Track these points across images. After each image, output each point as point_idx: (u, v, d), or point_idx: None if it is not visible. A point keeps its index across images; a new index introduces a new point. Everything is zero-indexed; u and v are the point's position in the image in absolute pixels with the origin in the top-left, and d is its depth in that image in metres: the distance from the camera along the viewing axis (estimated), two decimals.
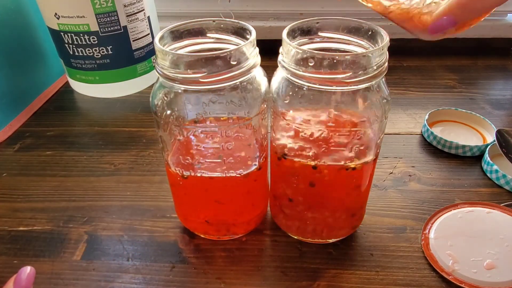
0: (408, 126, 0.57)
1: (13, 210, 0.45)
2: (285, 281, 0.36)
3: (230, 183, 0.35)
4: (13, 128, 0.59)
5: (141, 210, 0.44)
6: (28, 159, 0.52)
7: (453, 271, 0.36)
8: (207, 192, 0.36)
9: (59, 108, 0.64)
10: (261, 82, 0.33)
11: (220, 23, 0.33)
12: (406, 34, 0.31)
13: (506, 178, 0.45)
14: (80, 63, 0.62)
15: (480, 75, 0.71)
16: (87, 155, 0.53)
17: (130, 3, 0.59)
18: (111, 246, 0.40)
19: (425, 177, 0.48)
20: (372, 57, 0.29)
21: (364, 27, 0.32)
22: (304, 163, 0.33)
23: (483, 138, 0.53)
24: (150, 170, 0.50)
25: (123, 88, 0.66)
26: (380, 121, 0.32)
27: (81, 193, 0.47)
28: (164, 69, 0.30)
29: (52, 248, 0.40)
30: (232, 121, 0.32)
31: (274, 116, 0.34)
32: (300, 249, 0.39)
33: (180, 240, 0.40)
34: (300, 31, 0.33)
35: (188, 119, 0.32)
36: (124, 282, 0.37)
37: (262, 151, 0.36)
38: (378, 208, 0.43)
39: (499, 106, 0.61)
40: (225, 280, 0.36)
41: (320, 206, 0.36)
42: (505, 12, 0.79)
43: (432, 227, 0.40)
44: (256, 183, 0.37)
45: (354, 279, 0.36)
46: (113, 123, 0.59)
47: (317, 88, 0.29)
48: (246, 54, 0.30)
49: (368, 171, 0.35)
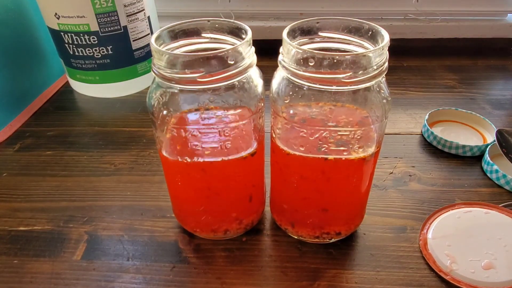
0: (408, 126, 0.57)
1: (13, 210, 0.45)
2: (285, 281, 0.36)
3: (227, 180, 0.35)
4: (13, 128, 0.59)
5: (141, 210, 0.44)
6: (28, 159, 0.52)
7: (451, 271, 0.36)
8: (203, 188, 0.36)
9: (59, 108, 0.64)
10: (257, 82, 0.33)
11: (215, 23, 0.33)
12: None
13: (506, 178, 0.45)
14: (80, 63, 0.62)
15: (480, 75, 0.71)
16: (87, 155, 0.53)
17: (130, 3, 0.59)
18: (111, 246, 0.40)
19: (425, 177, 0.48)
20: (372, 57, 0.29)
21: (365, 27, 0.32)
22: (304, 162, 0.33)
23: (483, 138, 0.53)
24: (150, 170, 0.50)
25: (123, 88, 0.66)
26: (380, 121, 0.32)
27: (81, 193, 0.47)
28: (160, 69, 0.30)
29: (52, 248, 0.40)
30: (229, 120, 0.32)
31: (274, 116, 0.34)
32: (300, 249, 0.39)
33: (180, 240, 0.40)
34: (300, 31, 0.33)
35: (185, 119, 0.32)
36: (124, 282, 0.37)
37: (259, 150, 0.36)
38: (378, 208, 0.43)
39: (499, 106, 0.61)
40: (225, 280, 0.36)
41: (317, 205, 0.36)
42: (505, 12, 0.79)
43: (430, 227, 0.40)
44: (252, 180, 0.37)
45: (354, 279, 0.36)
46: (113, 123, 0.59)
47: (317, 88, 0.29)
48: (242, 53, 0.30)
49: (368, 170, 0.35)
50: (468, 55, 0.77)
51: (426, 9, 0.77)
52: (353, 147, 0.32)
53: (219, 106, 0.32)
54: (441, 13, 0.77)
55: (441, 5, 0.78)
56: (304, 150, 0.33)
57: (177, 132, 0.33)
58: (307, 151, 0.33)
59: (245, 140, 0.34)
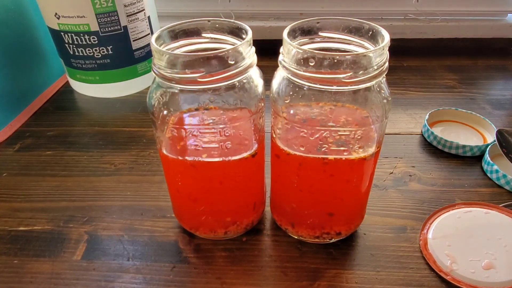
0: (408, 126, 0.57)
1: (13, 210, 0.45)
2: (285, 281, 0.36)
3: (227, 180, 0.35)
4: (13, 128, 0.59)
5: (141, 210, 0.44)
6: (28, 159, 0.52)
7: (451, 271, 0.36)
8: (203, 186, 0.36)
9: (59, 108, 0.64)
10: (257, 82, 0.33)
11: (215, 23, 0.33)
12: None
13: (506, 178, 0.45)
14: (80, 63, 0.62)
15: (480, 75, 0.71)
16: (87, 155, 0.53)
17: (130, 3, 0.59)
18: (111, 246, 0.40)
19: (425, 177, 0.48)
20: (372, 57, 0.29)
21: (365, 27, 0.32)
22: (304, 163, 0.33)
23: (483, 138, 0.53)
24: (151, 170, 0.50)
25: (123, 88, 0.66)
26: (381, 121, 0.32)
27: (81, 193, 0.47)
28: (160, 69, 0.30)
29: (52, 248, 0.40)
30: (229, 120, 0.32)
31: (275, 116, 0.34)
32: (300, 249, 0.39)
33: (180, 240, 0.40)
34: (301, 31, 0.33)
35: (185, 119, 0.32)
36: (124, 282, 0.37)
37: (260, 150, 0.36)
38: (378, 208, 0.43)
39: (499, 106, 0.61)
40: (225, 280, 0.36)
41: (317, 205, 0.36)
42: (505, 12, 0.79)
43: (431, 227, 0.40)
44: (252, 180, 0.37)
45: (354, 279, 0.36)
46: (113, 123, 0.59)
47: (318, 88, 0.29)
48: (242, 53, 0.30)
49: (369, 171, 0.35)
50: (468, 55, 0.77)
51: (426, 9, 0.77)
52: (353, 147, 0.32)
53: (219, 106, 0.32)
54: (441, 13, 0.77)
55: (441, 5, 0.78)
56: (305, 150, 0.33)
57: (177, 132, 0.33)
58: (307, 151, 0.33)
59: (245, 140, 0.34)
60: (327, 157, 0.33)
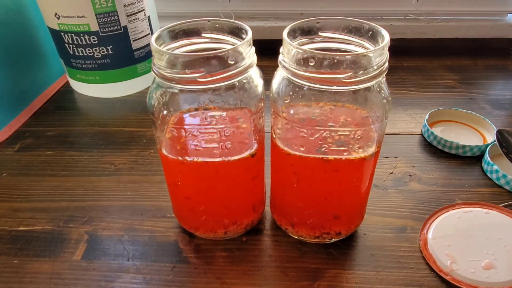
0: (408, 126, 0.57)
1: (13, 210, 0.45)
2: (285, 281, 0.36)
3: (227, 180, 0.35)
4: (13, 128, 0.59)
5: (141, 210, 0.44)
6: (28, 159, 0.52)
7: (452, 271, 0.36)
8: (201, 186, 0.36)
9: (59, 108, 0.64)
10: (257, 82, 0.33)
11: (215, 23, 0.33)
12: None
13: (506, 178, 0.45)
14: (80, 63, 0.62)
15: (480, 75, 0.71)
16: (88, 155, 0.53)
17: (130, 3, 0.59)
18: (111, 246, 0.40)
19: (425, 177, 0.48)
20: (372, 57, 0.29)
21: (365, 27, 0.32)
22: (304, 163, 0.33)
23: (483, 138, 0.53)
24: (151, 170, 0.50)
25: (123, 88, 0.66)
26: (381, 121, 0.32)
27: (81, 193, 0.47)
28: (160, 69, 0.30)
29: (52, 248, 0.40)
30: (229, 120, 0.32)
31: (275, 116, 0.34)
32: (300, 249, 0.39)
33: (180, 240, 0.40)
34: (301, 31, 0.33)
35: (185, 119, 0.32)
36: (124, 282, 0.37)
37: (259, 150, 0.36)
38: (378, 208, 0.43)
39: (499, 106, 0.61)
40: (225, 280, 0.36)
41: (317, 205, 0.36)
42: (505, 12, 0.79)
43: (431, 227, 0.40)
44: (252, 180, 0.37)
45: (354, 279, 0.36)
46: (113, 123, 0.59)
47: (318, 88, 0.29)
48: (242, 53, 0.30)
49: (369, 171, 0.35)
50: (468, 55, 0.77)
51: (426, 9, 0.77)
52: (353, 147, 0.32)
53: (219, 106, 0.32)
54: (441, 13, 0.77)
55: (441, 5, 0.78)
56: (304, 150, 0.33)
57: (177, 132, 0.33)
58: (307, 151, 0.33)
59: (245, 140, 0.34)
60: (327, 157, 0.33)
